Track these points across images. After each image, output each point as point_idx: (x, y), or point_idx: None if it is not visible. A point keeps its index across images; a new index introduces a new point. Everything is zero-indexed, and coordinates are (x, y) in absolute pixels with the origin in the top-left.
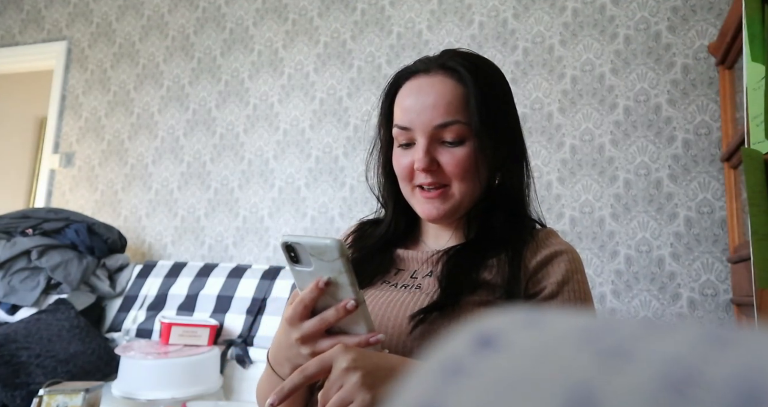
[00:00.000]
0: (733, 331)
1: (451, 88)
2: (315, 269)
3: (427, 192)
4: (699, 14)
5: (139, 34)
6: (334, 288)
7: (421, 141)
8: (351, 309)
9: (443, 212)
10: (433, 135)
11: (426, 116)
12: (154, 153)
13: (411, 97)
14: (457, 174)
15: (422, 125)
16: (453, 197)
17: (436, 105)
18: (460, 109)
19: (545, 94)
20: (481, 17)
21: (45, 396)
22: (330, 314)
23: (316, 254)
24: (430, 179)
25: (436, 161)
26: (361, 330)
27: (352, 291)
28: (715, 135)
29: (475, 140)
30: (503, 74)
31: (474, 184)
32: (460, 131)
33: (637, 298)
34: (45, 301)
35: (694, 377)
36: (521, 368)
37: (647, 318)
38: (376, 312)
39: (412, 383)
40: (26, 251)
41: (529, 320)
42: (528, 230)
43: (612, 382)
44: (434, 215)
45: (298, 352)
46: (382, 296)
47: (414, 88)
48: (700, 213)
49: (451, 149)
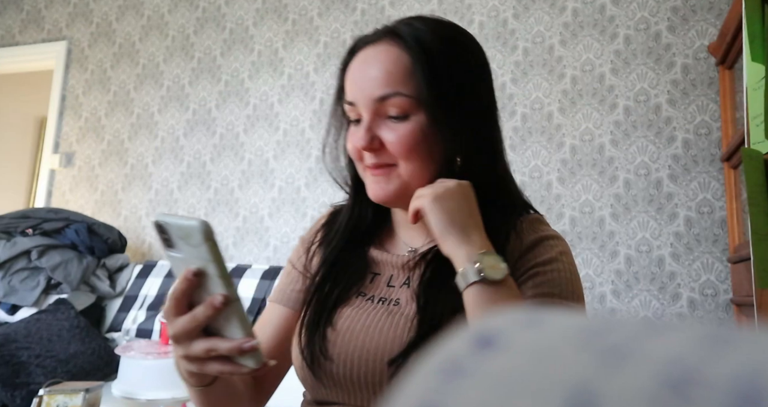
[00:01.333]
0: (732, 331)
1: (395, 56)
2: (186, 256)
3: (374, 171)
4: (699, 14)
5: (139, 34)
6: (206, 280)
7: (365, 117)
8: (218, 305)
9: (389, 193)
10: (376, 110)
11: (367, 89)
12: (154, 153)
13: (356, 69)
14: (400, 152)
15: (364, 99)
16: (399, 177)
17: (377, 76)
18: (402, 79)
19: (545, 94)
20: (481, 17)
21: (45, 396)
22: (200, 311)
23: (184, 237)
24: (374, 159)
25: (378, 139)
26: (236, 332)
27: (222, 285)
28: (715, 135)
29: (422, 115)
30: (475, 47)
31: (423, 164)
32: (403, 105)
33: (637, 298)
34: (45, 301)
35: (694, 377)
36: (521, 368)
37: (647, 318)
38: (352, 342)
39: (411, 383)
40: (26, 251)
41: (529, 320)
42: (510, 220)
43: (612, 382)
44: (380, 196)
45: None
46: (358, 320)
47: (360, 59)
48: (700, 213)
49: (394, 124)
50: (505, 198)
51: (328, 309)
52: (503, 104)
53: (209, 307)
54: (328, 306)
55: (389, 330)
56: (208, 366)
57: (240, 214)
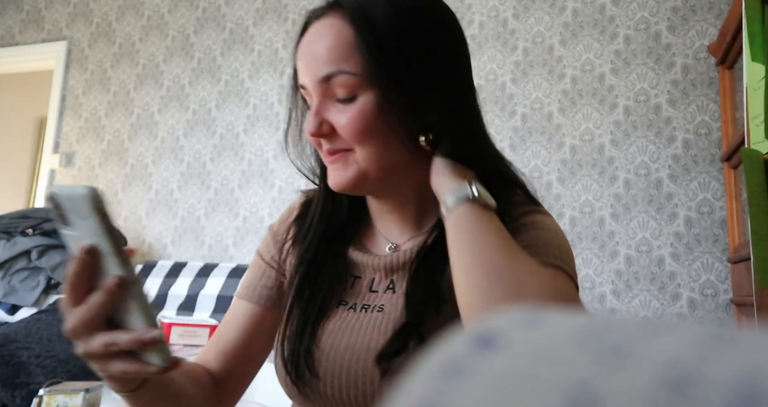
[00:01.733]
0: (732, 331)
1: (337, 31)
2: (79, 233)
3: (331, 157)
4: (699, 14)
5: (139, 34)
6: (102, 260)
7: (314, 100)
8: (112, 288)
9: (347, 180)
10: (324, 91)
11: (312, 70)
12: (154, 153)
13: (303, 48)
14: (351, 136)
15: (311, 80)
16: (356, 163)
17: (320, 54)
18: (346, 55)
19: (545, 94)
20: (481, 17)
21: (45, 396)
22: (95, 298)
23: (75, 209)
24: (329, 145)
25: (328, 123)
26: (137, 322)
27: (116, 264)
28: (715, 135)
29: (371, 93)
30: (442, 13)
31: (381, 147)
32: (348, 83)
33: (637, 298)
34: (45, 301)
35: (694, 377)
36: (522, 368)
37: (647, 318)
38: (338, 362)
39: (411, 383)
40: (26, 251)
41: (529, 319)
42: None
43: (612, 382)
44: (339, 184)
45: None
46: (342, 336)
47: (307, 36)
48: (700, 213)
49: (343, 106)
50: (496, 179)
51: (311, 323)
52: (503, 104)
53: (104, 292)
54: (310, 318)
55: (376, 344)
56: (110, 364)
57: (240, 214)
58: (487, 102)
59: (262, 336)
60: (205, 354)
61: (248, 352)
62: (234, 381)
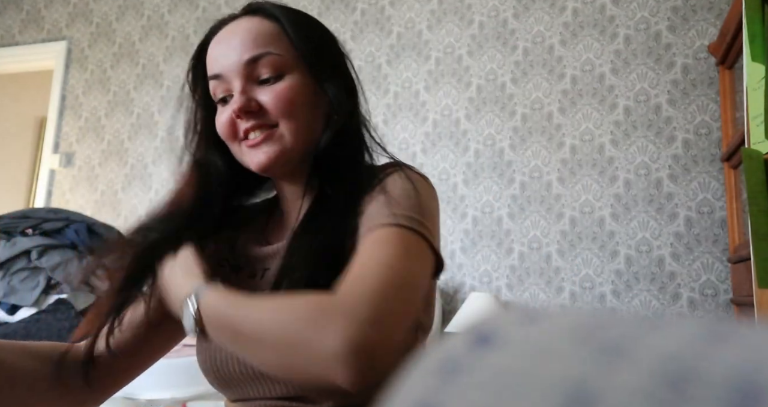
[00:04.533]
0: (728, 327)
1: (258, 23)
2: None
3: (252, 140)
4: (699, 14)
5: (139, 34)
6: None
7: (236, 84)
8: None
9: (273, 156)
10: (248, 74)
11: (234, 56)
12: (154, 153)
13: (218, 45)
14: (281, 110)
15: (232, 65)
16: (282, 138)
17: (244, 41)
18: (271, 40)
19: (545, 94)
20: (481, 17)
21: None
22: None
23: None
24: (253, 121)
25: (255, 101)
26: None
27: None
28: (715, 135)
29: (297, 73)
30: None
31: (303, 121)
32: (276, 63)
33: (637, 298)
34: (45, 301)
35: (691, 373)
36: (519, 365)
37: (644, 314)
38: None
39: (408, 382)
40: (26, 251)
41: (526, 317)
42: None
43: (609, 379)
44: (264, 162)
45: None
46: None
47: (220, 36)
48: (700, 213)
49: (270, 85)
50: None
51: None
52: (503, 104)
53: None
54: None
55: None
56: None
57: None
58: (487, 102)
59: (152, 326)
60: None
61: (135, 343)
62: (112, 374)
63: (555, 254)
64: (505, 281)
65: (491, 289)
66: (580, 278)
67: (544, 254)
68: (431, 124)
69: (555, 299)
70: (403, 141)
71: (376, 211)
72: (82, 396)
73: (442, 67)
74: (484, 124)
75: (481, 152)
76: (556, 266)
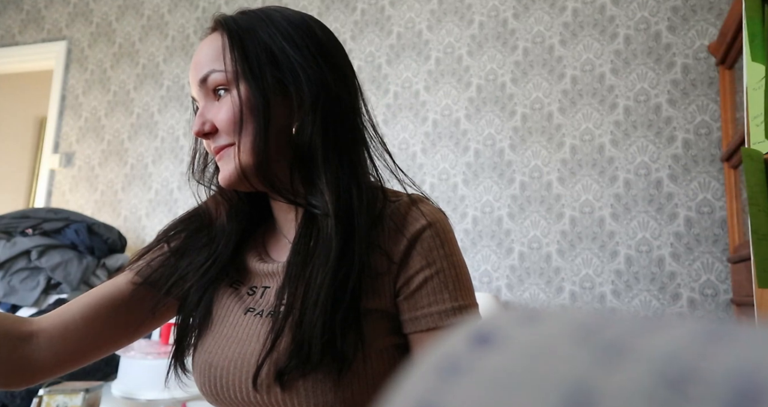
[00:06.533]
0: (730, 327)
1: (212, 40)
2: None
3: (216, 156)
4: (699, 14)
5: (139, 34)
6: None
7: (200, 105)
8: None
9: (228, 174)
10: (205, 94)
11: (194, 76)
12: (154, 153)
13: (191, 64)
14: (224, 127)
15: (194, 87)
16: (235, 156)
17: (197, 62)
18: (216, 57)
19: (545, 94)
20: (481, 17)
21: (45, 396)
22: None
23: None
24: (214, 144)
25: (210, 122)
26: None
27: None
28: (715, 135)
29: (241, 87)
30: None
31: (255, 138)
32: (219, 81)
33: (637, 298)
34: (45, 301)
35: (692, 373)
36: (519, 365)
37: (644, 314)
38: (221, 364)
39: (408, 381)
40: (26, 251)
41: (526, 316)
42: (372, 202)
43: (609, 379)
44: (223, 179)
45: None
46: (227, 342)
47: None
48: (700, 213)
49: (218, 103)
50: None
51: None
52: (503, 104)
53: None
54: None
55: (252, 349)
56: None
57: None
58: (487, 102)
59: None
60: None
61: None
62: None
63: (555, 254)
64: (505, 281)
65: (491, 289)
66: (580, 278)
67: (544, 254)
68: (431, 124)
69: (555, 299)
70: (403, 141)
71: (432, 300)
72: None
73: (442, 67)
74: (484, 124)
75: (481, 152)
76: (556, 266)
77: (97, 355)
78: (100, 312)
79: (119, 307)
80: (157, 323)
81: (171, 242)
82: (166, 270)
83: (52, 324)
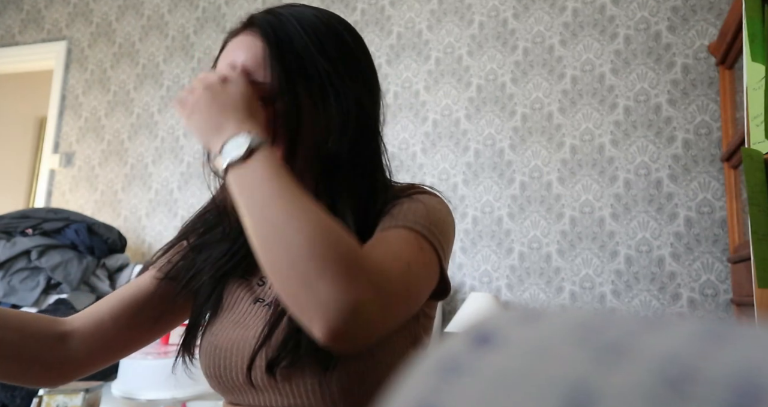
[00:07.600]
0: (729, 327)
1: (249, 45)
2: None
3: None
4: (699, 14)
5: (139, 34)
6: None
7: None
8: None
9: None
10: None
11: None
12: (154, 153)
13: (220, 63)
14: (278, 136)
15: None
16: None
17: (234, 65)
18: (256, 67)
19: (545, 94)
20: (481, 17)
21: (45, 396)
22: None
23: None
24: None
25: None
26: None
27: None
28: (715, 135)
29: (275, 101)
30: (348, 35)
31: (280, 149)
32: (260, 92)
33: (637, 298)
34: (45, 301)
35: (691, 373)
36: (519, 365)
37: (644, 314)
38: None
39: (409, 382)
40: (26, 251)
41: (526, 316)
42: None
43: (610, 379)
44: None
45: None
46: (234, 327)
47: (224, 53)
48: (700, 213)
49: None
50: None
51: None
52: (503, 104)
53: None
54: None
55: (253, 336)
56: None
57: None
58: (487, 102)
59: (147, 305)
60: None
61: (121, 320)
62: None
63: (555, 254)
64: (505, 282)
65: (491, 289)
66: (580, 278)
67: (544, 254)
68: (431, 124)
69: (555, 299)
70: (403, 141)
71: (396, 214)
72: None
73: (442, 67)
74: (484, 124)
75: (481, 152)
76: (556, 266)
77: (126, 352)
78: (127, 310)
79: (144, 304)
80: (177, 318)
81: (190, 238)
82: (186, 264)
83: (84, 324)
